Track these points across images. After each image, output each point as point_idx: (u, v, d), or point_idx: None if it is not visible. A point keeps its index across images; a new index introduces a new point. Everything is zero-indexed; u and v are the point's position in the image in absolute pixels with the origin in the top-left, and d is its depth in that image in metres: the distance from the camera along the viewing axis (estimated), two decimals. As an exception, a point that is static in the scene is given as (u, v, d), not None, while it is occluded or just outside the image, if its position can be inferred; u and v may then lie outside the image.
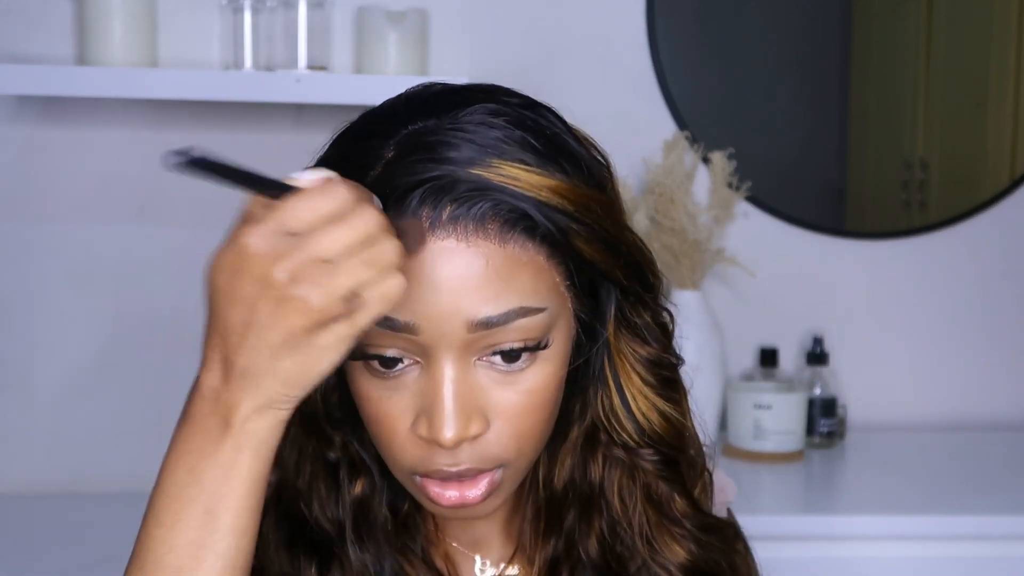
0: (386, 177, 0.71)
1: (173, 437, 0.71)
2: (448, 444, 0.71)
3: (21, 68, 1.70)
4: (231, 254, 0.66)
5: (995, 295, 2.10)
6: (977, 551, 1.61)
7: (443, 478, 0.74)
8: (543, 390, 0.74)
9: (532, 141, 0.73)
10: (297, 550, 0.82)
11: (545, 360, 0.74)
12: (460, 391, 0.72)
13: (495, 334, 0.71)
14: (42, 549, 1.63)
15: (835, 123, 2.13)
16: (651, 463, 0.82)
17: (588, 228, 0.73)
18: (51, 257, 1.85)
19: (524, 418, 0.74)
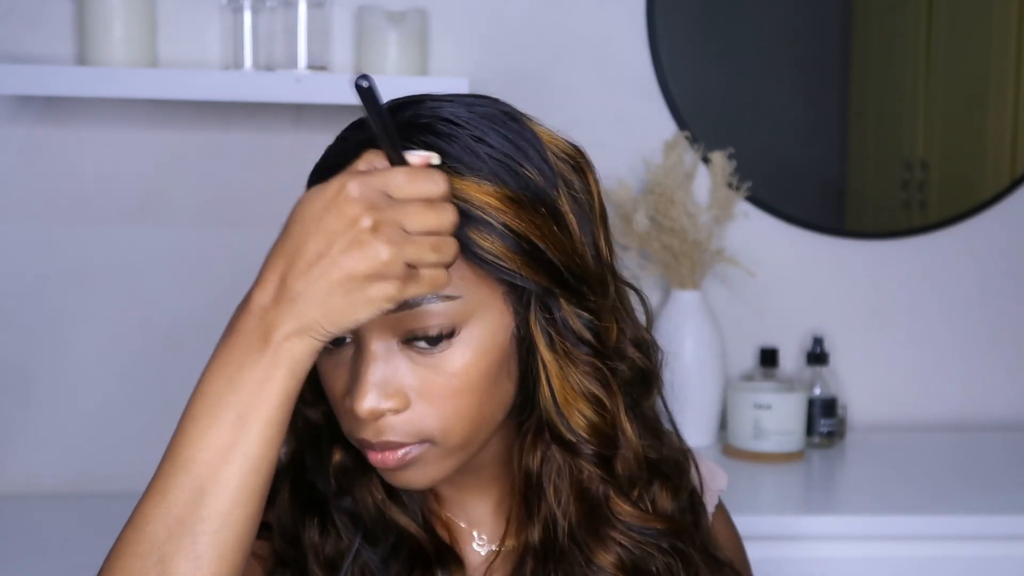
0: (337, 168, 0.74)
1: (217, 347, 0.77)
2: (362, 415, 0.77)
3: (21, 68, 1.70)
4: (331, 191, 0.70)
5: (995, 295, 2.10)
6: (977, 551, 1.61)
7: (369, 447, 0.79)
8: (464, 374, 0.78)
9: (479, 147, 0.79)
10: (296, 502, 0.88)
11: (464, 345, 0.78)
12: (381, 368, 0.78)
13: (412, 317, 0.76)
14: (42, 549, 1.63)
15: (835, 123, 2.13)
16: (585, 459, 0.85)
17: (487, 225, 0.77)
18: (51, 257, 1.85)
19: (447, 400, 0.79)
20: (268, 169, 1.88)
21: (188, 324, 1.88)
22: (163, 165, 1.87)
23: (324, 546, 0.87)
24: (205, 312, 1.88)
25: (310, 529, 0.87)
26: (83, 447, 1.86)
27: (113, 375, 1.87)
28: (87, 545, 1.62)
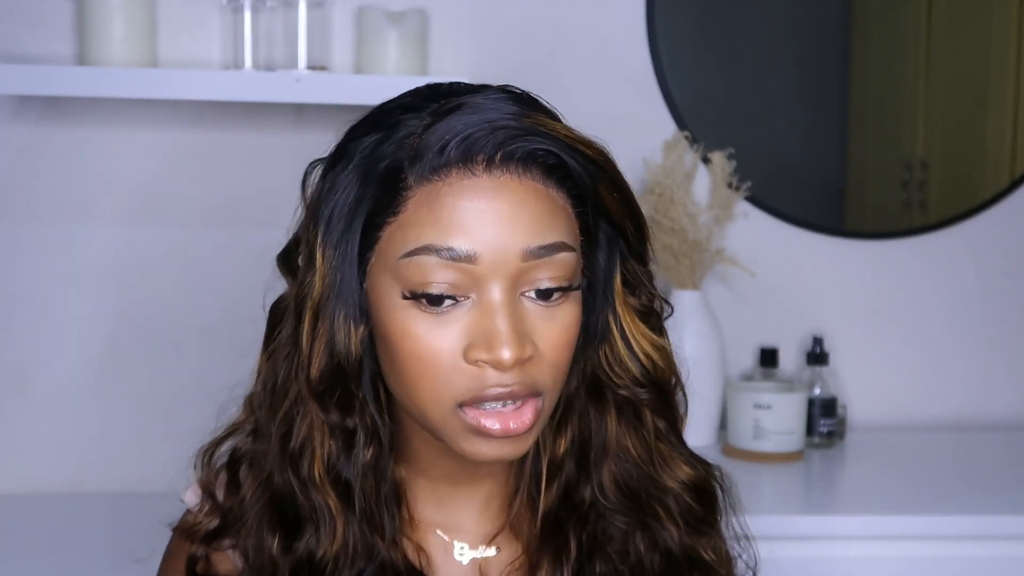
0: (437, 130, 0.78)
1: None
2: (507, 364, 0.77)
3: (21, 68, 1.70)
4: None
5: (995, 295, 2.10)
6: (977, 551, 1.61)
7: (495, 399, 0.78)
8: (573, 326, 0.82)
9: (547, 106, 0.83)
10: (266, 521, 0.86)
11: (573, 299, 0.82)
12: (512, 317, 0.78)
13: (540, 267, 0.79)
14: (42, 549, 1.63)
15: (835, 123, 2.13)
16: (650, 400, 0.88)
17: (611, 180, 0.82)
18: (51, 257, 1.85)
19: (559, 350, 0.81)
20: (268, 169, 1.88)
21: (188, 324, 1.88)
22: (163, 165, 1.87)
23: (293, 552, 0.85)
24: (205, 312, 1.89)
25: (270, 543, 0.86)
26: (83, 447, 1.86)
27: (113, 375, 1.87)
28: (87, 545, 1.62)
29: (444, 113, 0.80)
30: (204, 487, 0.91)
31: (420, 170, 0.79)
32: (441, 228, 0.78)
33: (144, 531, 0.96)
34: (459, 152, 0.78)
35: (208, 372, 1.86)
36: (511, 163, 0.79)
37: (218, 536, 0.89)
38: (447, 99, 0.81)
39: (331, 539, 0.85)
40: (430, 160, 0.79)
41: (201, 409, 1.86)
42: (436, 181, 0.79)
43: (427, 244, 0.78)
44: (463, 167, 0.78)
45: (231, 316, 1.88)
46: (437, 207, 0.78)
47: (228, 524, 0.89)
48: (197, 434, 0.95)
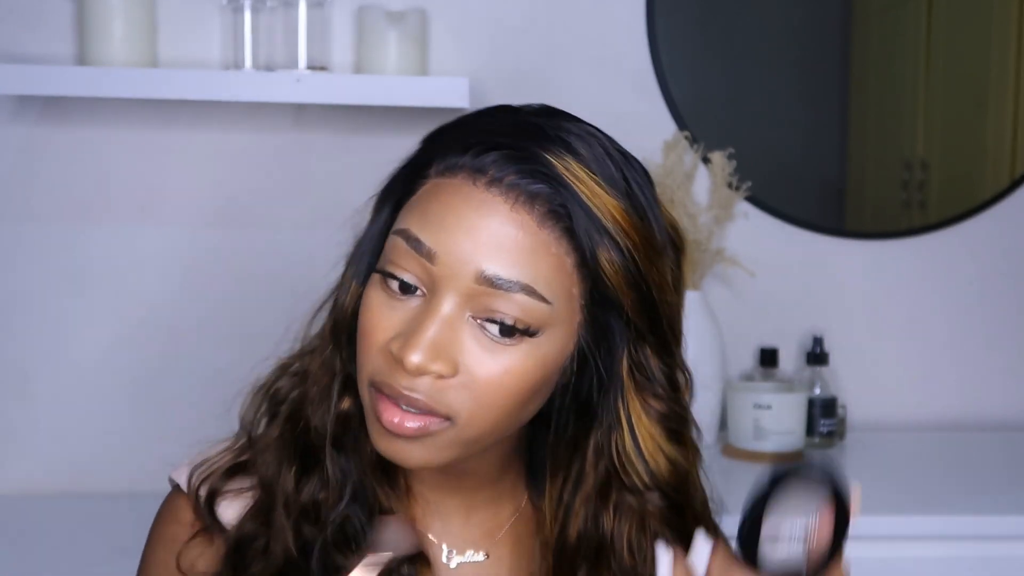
0: (479, 135, 0.80)
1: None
2: (409, 367, 0.77)
3: (21, 68, 1.70)
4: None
5: (995, 295, 2.10)
6: (977, 551, 1.60)
7: (393, 396, 0.78)
8: (517, 374, 0.79)
9: (611, 166, 0.81)
10: (285, 454, 0.87)
11: (532, 349, 0.78)
12: (443, 330, 0.77)
13: (495, 298, 0.77)
14: (42, 549, 1.63)
15: (835, 123, 2.13)
16: (658, 508, 0.85)
17: (619, 251, 0.79)
18: (51, 257, 1.85)
19: (490, 388, 0.78)
20: (268, 169, 1.88)
21: (188, 324, 1.88)
22: (163, 165, 1.87)
23: (300, 493, 0.86)
24: (205, 312, 1.89)
25: (285, 476, 0.86)
26: (83, 447, 1.86)
27: (113, 375, 1.87)
28: (87, 545, 1.62)
29: (515, 127, 0.81)
30: (244, 422, 0.91)
31: (440, 163, 0.81)
32: (423, 220, 0.79)
33: (144, 531, 0.96)
34: (475, 161, 0.79)
35: (208, 372, 1.86)
36: (513, 190, 0.78)
37: (240, 471, 0.89)
38: (540, 119, 0.82)
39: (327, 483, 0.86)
40: (450, 158, 0.81)
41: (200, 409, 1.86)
42: (446, 177, 0.81)
43: (406, 228, 0.80)
44: (471, 175, 0.79)
45: (231, 316, 1.88)
46: (431, 200, 0.80)
47: (252, 460, 0.89)
48: (196, 434, 0.95)
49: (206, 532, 0.88)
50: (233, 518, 0.87)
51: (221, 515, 0.88)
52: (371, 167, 0.90)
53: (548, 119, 0.83)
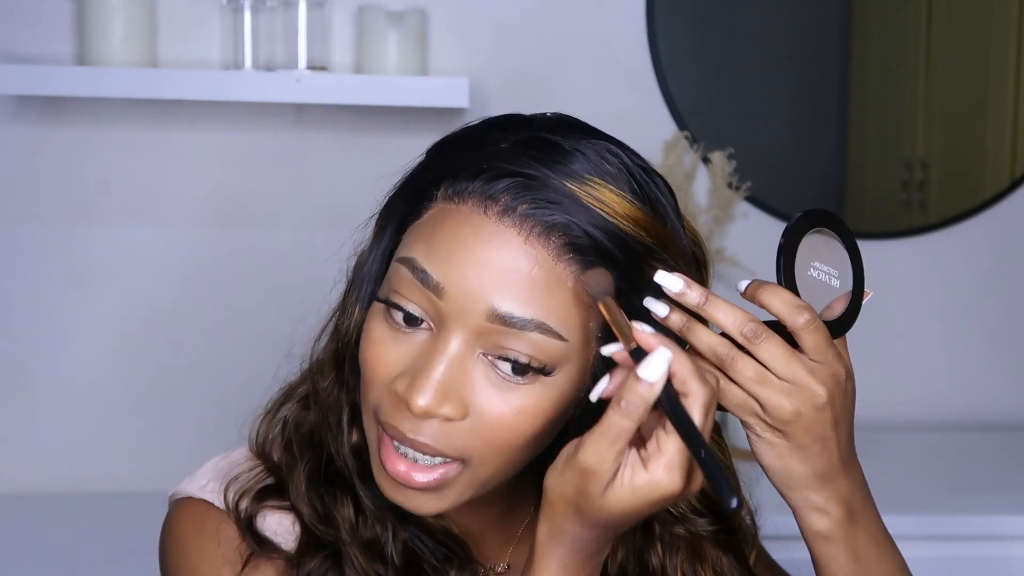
0: (491, 157, 0.75)
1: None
2: (416, 411, 0.73)
3: (21, 68, 1.70)
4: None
5: (995, 295, 2.10)
6: (977, 551, 1.61)
7: (397, 439, 0.75)
8: (530, 414, 0.74)
9: (633, 183, 0.76)
10: (330, 486, 0.83)
11: (546, 389, 0.74)
12: (452, 370, 0.73)
13: (508, 336, 0.72)
14: (42, 549, 1.63)
15: (835, 123, 2.13)
16: (710, 531, 0.84)
17: (664, 264, 0.75)
18: (51, 257, 1.85)
19: (501, 430, 0.74)
20: (268, 169, 1.88)
21: (188, 323, 1.88)
22: (163, 165, 1.87)
23: (359, 525, 0.82)
24: (205, 311, 1.89)
25: (343, 507, 0.83)
26: (83, 447, 1.86)
27: (113, 375, 1.87)
28: (87, 545, 1.62)
29: (519, 144, 0.76)
30: (260, 448, 0.88)
31: (448, 186, 0.76)
32: (430, 249, 0.74)
33: (144, 531, 0.95)
34: (486, 187, 0.74)
35: (208, 371, 1.86)
36: (528, 221, 0.73)
37: (273, 494, 0.85)
38: (542, 133, 0.77)
39: (380, 519, 0.83)
40: (460, 182, 0.75)
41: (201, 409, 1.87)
42: (454, 203, 0.75)
43: (412, 257, 0.75)
44: (480, 202, 0.74)
45: (231, 316, 1.88)
46: (439, 228, 0.75)
47: (281, 485, 0.85)
48: (196, 434, 0.95)
49: (255, 557, 0.83)
50: (271, 532, 0.84)
51: (262, 531, 0.84)
52: (371, 167, 0.90)
53: (565, 136, 0.77)
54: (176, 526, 0.87)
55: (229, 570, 0.82)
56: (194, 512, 0.86)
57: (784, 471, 0.78)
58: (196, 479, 0.87)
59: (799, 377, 0.75)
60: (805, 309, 0.77)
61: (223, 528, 0.84)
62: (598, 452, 0.68)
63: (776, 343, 0.76)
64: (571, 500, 0.70)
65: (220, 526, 0.84)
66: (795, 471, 0.78)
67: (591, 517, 0.70)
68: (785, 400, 0.75)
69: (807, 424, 0.76)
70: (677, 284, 0.74)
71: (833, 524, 0.80)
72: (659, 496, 0.69)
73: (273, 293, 1.83)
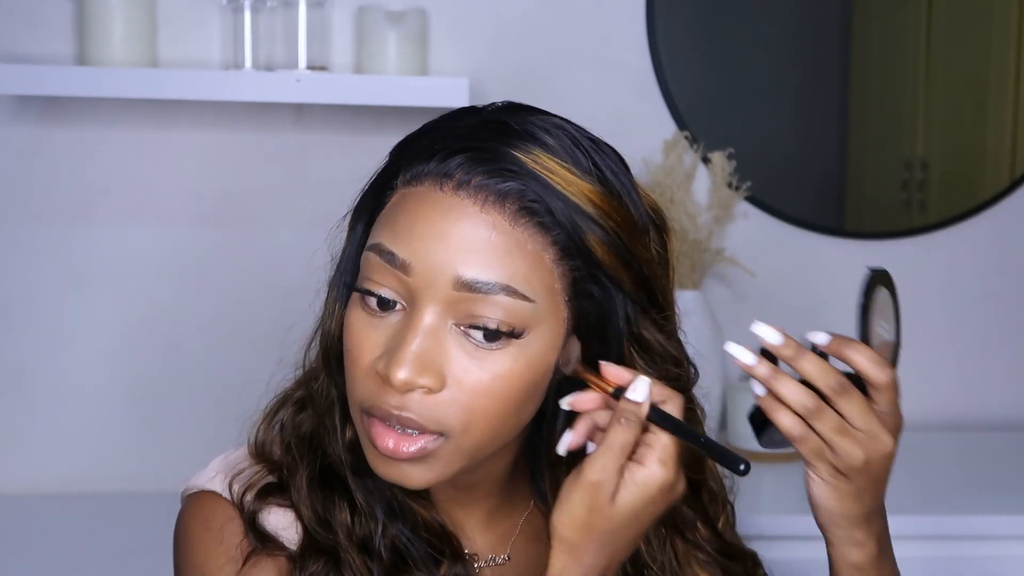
0: (443, 140, 0.79)
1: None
2: (396, 384, 0.75)
3: (21, 68, 1.70)
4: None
5: (995, 295, 2.10)
6: (977, 551, 1.61)
7: (385, 418, 0.77)
8: (506, 378, 0.77)
9: (580, 155, 0.80)
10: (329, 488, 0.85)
11: (519, 351, 0.77)
12: (427, 343, 0.76)
13: (477, 302, 0.76)
14: (42, 549, 1.63)
15: (835, 123, 2.13)
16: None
17: (605, 232, 0.78)
18: (51, 257, 1.85)
19: (480, 397, 0.77)
20: (268, 169, 1.88)
21: (188, 324, 1.88)
22: (163, 165, 1.87)
23: (355, 527, 0.84)
24: (205, 312, 1.89)
25: (341, 511, 0.84)
26: (83, 447, 1.86)
27: (113, 375, 1.87)
28: (87, 545, 1.62)
29: (476, 126, 0.80)
30: (259, 449, 0.89)
31: (406, 172, 0.80)
32: (394, 232, 0.78)
33: (144, 531, 0.96)
34: (439, 166, 0.78)
35: (208, 372, 1.86)
36: (482, 191, 0.77)
37: (275, 492, 0.87)
38: (501, 117, 0.81)
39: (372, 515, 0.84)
40: (415, 166, 0.80)
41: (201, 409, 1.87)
42: (412, 186, 0.79)
43: (378, 243, 0.79)
44: (437, 180, 0.78)
45: (231, 316, 1.88)
46: (400, 211, 0.79)
47: (283, 482, 0.87)
48: (196, 434, 0.95)
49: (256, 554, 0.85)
50: (273, 528, 0.85)
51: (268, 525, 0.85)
52: (371, 167, 0.90)
53: (512, 115, 0.81)
54: (185, 522, 0.88)
55: (231, 567, 0.83)
56: (203, 506, 0.87)
57: (838, 511, 0.85)
58: (205, 472, 0.89)
59: (874, 429, 0.85)
60: (886, 367, 0.87)
61: (227, 525, 0.85)
62: (603, 466, 0.76)
63: (858, 397, 0.84)
64: (582, 521, 0.76)
65: (225, 523, 0.85)
66: (849, 511, 0.86)
67: (604, 531, 0.76)
68: (859, 449, 0.85)
69: (872, 471, 0.86)
70: (776, 337, 0.82)
71: (868, 557, 0.90)
72: (657, 487, 0.77)
73: (273, 293, 1.82)
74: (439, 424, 0.77)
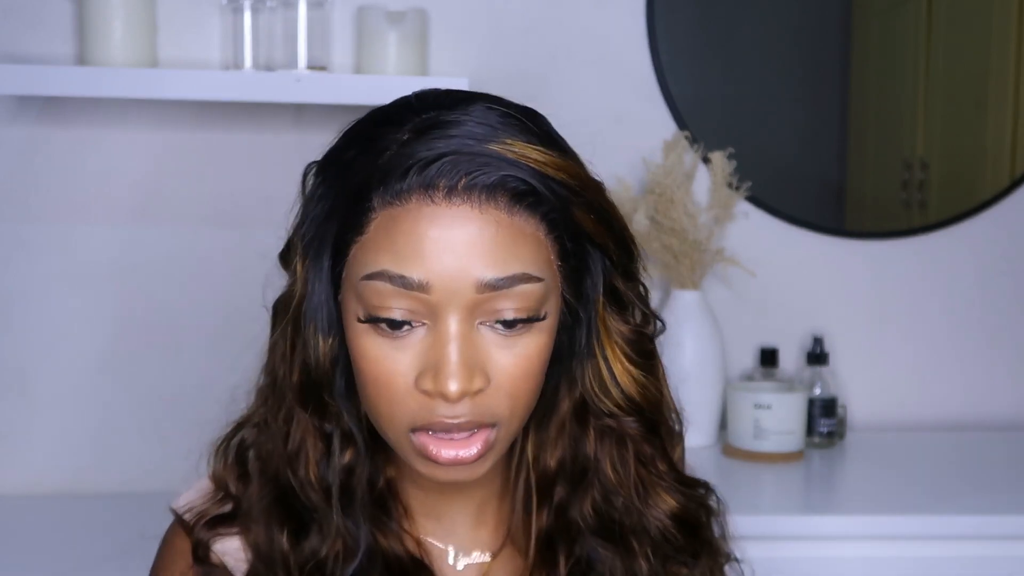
0: (405, 153, 0.78)
1: None
2: (453, 397, 0.77)
3: (21, 68, 1.70)
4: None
5: (995, 295, 2.10)
6: (977, 551, 1.61)
7: (443, 430, 0.79)
8: (536, 356, 0.80)
9: (530, 126, 0.81)
10: (274, 516, 0.86)
11: (540, 330, 0.80)
12: (465, 348, 0.78)
13: (499, 298, 0.78)
14: (42, 549, 1.63)
15: (835, 123, 2.13)
16: (635, 429, 0.88)
17: (586, 201, 0.81)
18: (51, 257, 1.85)
19: (518, 381, 0.80)
20: (268, 169, 1.88)
21: (188, 324, 1.88)
22: (163, 165, 1.87)
23: (299, 554, 0.85)
24: (205, 312, 1.89)
25: (279, 539, 0.85)
26: (83, 447, 1.86)
27: (113, 375, 1.87)
28: (87, 545, 1.62)
29: (419, 132, 0.79)
30: (218, 478, 0.90)
31: (384, 193, 0.78)
32: (396, 255, 0.77)
33: (144, 531, 0.96)
34: (421, 179, 0.77)
35: (208, 372, 1.86)
36: (473, 192, 0.77)
37: (226, 522, 0.88)
38: (428, 114, 0.80)
39: (331, 538, 0.85)
40: (393, 184, 0.78)
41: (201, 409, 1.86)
42: (397, 206, 0.78)
43: (383, 270, 0.78)
44: (423, 194, 0.77)
45: (231, 316, 1.88)
46: (395, 233, 0.78)
47: (237, 512, 0.88)
48: (196, 434, 0.95)
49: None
50: (232, 557, 0.87)
51: (215, 550, 0.87)
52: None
53: (448, 111, 0.80)
54: (162, 540, 0.92)
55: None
56: (172, 530, 0.91)
57: None
58: (186, 495, 0.91)
59: None
60: None
61: (179, 558, 0.89)
62: None
63: None
64: None
65: (179, 553, 0.89)
66: None
67: None
68: None
69: None
70: None
71: None
72: None
73: (273, 293, 1.83)
74: (492, 416, 0.79)
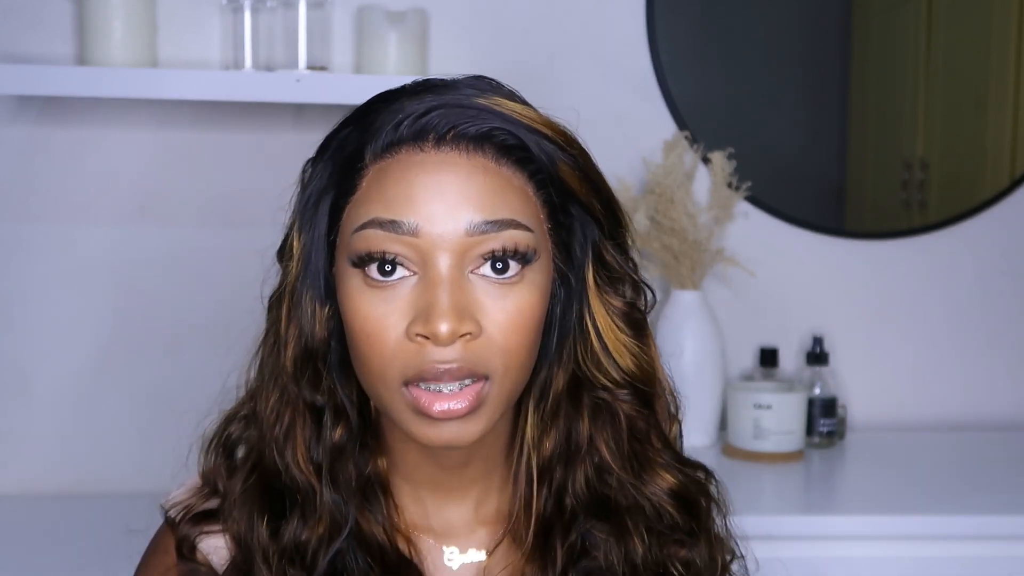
0: (396, 109, 0.81)
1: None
2: (443, 336, 0.76)
3: (21, 68, 1.70)
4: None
5: (995, 295, 2.10)
6: (977, 551, 1.61)
7: (434, 378, 0.78)
8: (528, 311, 0.80)
9: (520, 96, 0.84)
10: (255, 502, 0.86)
11: (531, 282, 0.80)
12: (455, 292, 0.78)
13: (488, 241, 0.78)
14: (42, 549, 1.63)
15: (835, 123, 2.13)
16: (629, 403, 0.88)
17: (573, 159, 0.82)
18: (51, 257, 1.85)
19: (509, 333, 0.80)
20: (268, 169, 1.88)
21: (188, 324, 1.88)
22: (163, 165, 1.87)
23: (279, 540, 0.85)
24: (205, 312, 1.89)
25: (259, 529, 0.85)
26: (83, 447, 1.86)
27: (113, 375, 1.87)
28: (87, 545, 1.62)
29: (412, 94, 0.82)
30: (206, 474, 0.90)
31: (374, 148, 0.81)
32: (387, 202, 0.79)
33: (143, 531, 0.96)
34: (411, 130, 0.80)
35: (207, 372, 1.85)
36: (462, 141, 0.80)
37: (212, 518, 0.88)
38: (422, 84, 0.83)
39: (315, 521, 0.85)
40: (384, 138, 0.81)
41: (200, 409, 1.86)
42: (388, 158, 0.80)
43: (374, 218, 0.79)
44: (413, 144, 0.80)
45: (231, 316, 1.87)
46: (385, 182, 0.80)
47: (222, 508, 0.88)
48: (197, 434, 0.95)
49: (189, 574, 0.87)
50: (217, 554, 0.87)
51: (201, 548, 0.87)
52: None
53: (441, 82, 0.84)
54: (151, 539, 0.92)
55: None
56: (160, 527, 0.91)
57: None
58: (176, 492, 0.91)
59: None
60: None
61: (164, 555, 0.89)
62: None
63: None
64: None
65: (164, 551, 0.89)
66: None
67: None
68: None
69: None
70: None
71: None
72: None
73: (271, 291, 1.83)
74: (485, 367, 0.79)
